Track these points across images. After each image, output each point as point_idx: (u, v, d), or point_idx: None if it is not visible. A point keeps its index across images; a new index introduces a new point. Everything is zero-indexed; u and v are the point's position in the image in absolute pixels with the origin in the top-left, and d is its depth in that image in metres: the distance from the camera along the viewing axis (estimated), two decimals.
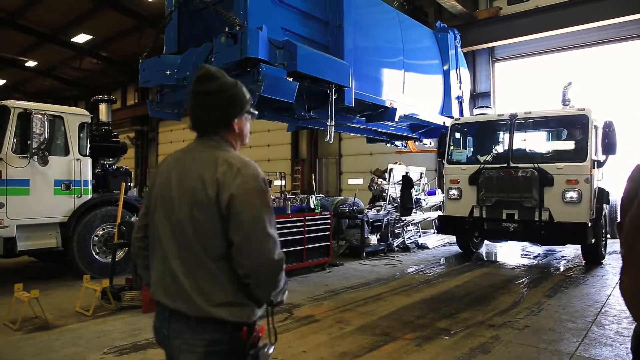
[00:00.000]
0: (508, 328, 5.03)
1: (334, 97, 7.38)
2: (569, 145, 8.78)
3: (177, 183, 1.75)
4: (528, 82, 14.04)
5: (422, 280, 7.62)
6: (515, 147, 8.68)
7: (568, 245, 9.39)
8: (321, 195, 12.89)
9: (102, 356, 4.31)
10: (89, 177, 7.65)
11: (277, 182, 17.15)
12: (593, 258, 8.64)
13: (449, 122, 10.08)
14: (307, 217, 7.98)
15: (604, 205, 8.84)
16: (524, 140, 8.82)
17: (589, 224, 7.76)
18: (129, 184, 8.85)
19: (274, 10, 6.80)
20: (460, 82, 11.40)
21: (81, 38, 22.68)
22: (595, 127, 8.23)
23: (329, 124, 7.51)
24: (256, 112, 1.95)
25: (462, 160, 9.38)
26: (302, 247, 7.84)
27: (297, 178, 19.67)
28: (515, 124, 8.68)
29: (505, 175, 8.39)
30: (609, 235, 9.58)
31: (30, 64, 26.31)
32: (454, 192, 9.11)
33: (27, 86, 31.11)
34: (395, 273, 8.11)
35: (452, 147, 9.54)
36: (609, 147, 8.08)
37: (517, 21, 13.61)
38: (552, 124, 9.18)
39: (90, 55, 24.58)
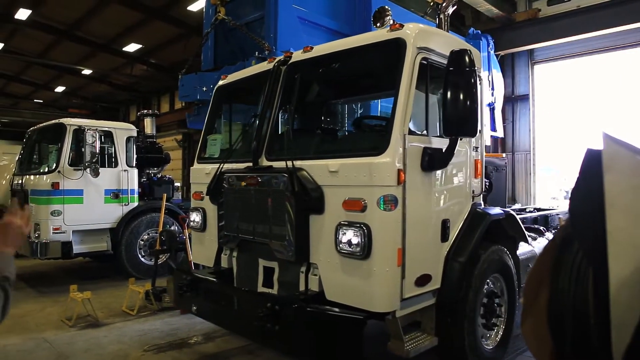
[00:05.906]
0: None
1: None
2: (367, 115, 4.99)
3: None
4: (569, 84, 13.71)
5: None
6: (276, 125, 4.38)
7: None
8: None
9: (142, 354, 4.86)
10: (136, 186, 8.36)
11: None
12: None
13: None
14: None
15: (493, 250, 4.26)
16: (293, 111, 4.47)
17: (391, 316, 3.47)
18: (173, 191, 9.53)
19: (303, 31, 7.15)
20: (493, 87, 11.27)
21: (132, 47, 24.03)
22: (426, 65, 3.70)
23: None
24: None
25: (215, 156, 5.07)
26: None
27: None
28: (283, 76, 4.31)
29: (248, 185, 4.13)
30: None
31: (86, 72, 28.09)
32: (195, 216, 4.96)
33: (84, 91, 33.18)
34: None
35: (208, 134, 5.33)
36: (458, 121, 3.42)
37: (557, 22, 13.31)
38: (350, 69, 4.55)
39: (140, 63, 26.00)
